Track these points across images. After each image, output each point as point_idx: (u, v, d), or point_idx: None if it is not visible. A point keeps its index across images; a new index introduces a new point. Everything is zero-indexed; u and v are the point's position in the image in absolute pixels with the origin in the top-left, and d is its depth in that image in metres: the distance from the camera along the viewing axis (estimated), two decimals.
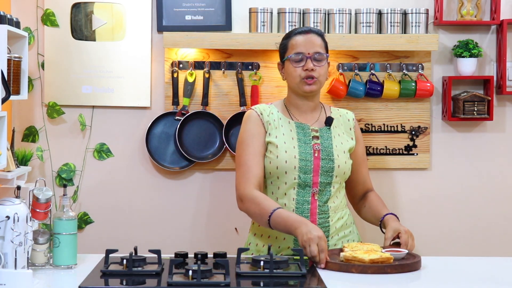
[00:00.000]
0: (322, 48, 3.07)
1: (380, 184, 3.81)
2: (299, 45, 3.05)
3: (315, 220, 3.01)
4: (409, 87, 3.70)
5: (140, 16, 3.71)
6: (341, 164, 3.06)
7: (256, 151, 3.03)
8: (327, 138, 3.08)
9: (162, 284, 2.44)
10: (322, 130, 3.10)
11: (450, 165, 3.83)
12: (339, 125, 3.15)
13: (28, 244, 2.50)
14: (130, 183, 3.77)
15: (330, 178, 3.04)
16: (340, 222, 3.08)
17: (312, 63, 3.03)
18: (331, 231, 3.04)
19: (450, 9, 3.78)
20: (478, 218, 3.84)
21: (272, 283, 2.46)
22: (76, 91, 3.72)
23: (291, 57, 3.05)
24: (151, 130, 3.72)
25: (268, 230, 3.02)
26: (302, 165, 3.01)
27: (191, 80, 3.70)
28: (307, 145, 3.05)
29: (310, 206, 3.02)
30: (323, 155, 3.04)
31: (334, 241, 3.05)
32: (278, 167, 3.02)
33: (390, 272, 2.60)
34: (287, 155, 3.02)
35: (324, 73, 3.07)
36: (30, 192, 2.72)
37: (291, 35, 3.10)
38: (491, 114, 3.73)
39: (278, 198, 3.04)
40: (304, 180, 3.02)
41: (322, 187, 3.04)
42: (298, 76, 3.04)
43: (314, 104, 3.13)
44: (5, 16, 3.01)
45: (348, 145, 3.12)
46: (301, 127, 3.08)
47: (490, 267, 2.82)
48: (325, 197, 3.04)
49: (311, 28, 3.11)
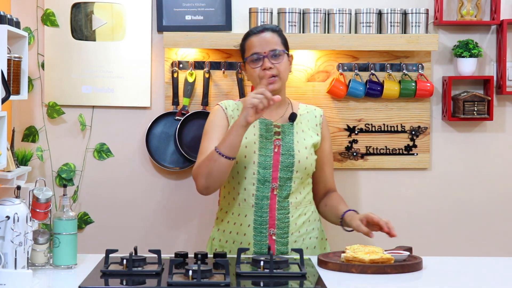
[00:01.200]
0: (278, 45, 3.06)
1: (380, 184, 3.81)
2: (255, 46, 3.06)
3: (274, 215, 3.03)
4: (409, 87, 3.70)
5: (140, 16, 3.71)
6: (302, 159, 3.05)
7: (215, 138, 3.02)
8: (289, 134, 3.08)
9: (162, 284, 2.44)
10: (284, 126, 3.10)
11: (450, 165, 3.83)
12: (305, 121, 3.15)
13: (28, 244, 2.50)
14: (130, 183, 3.77)
15: (290, 173, 3.04)
16: (302, 218, 3.08)
17: (270, 62, 3.03)
18: (291, 227, 3.05)
19: (450, 9, 3.78)
20: (478, 218, 3.84)
21: (272, 283, 2.46)
22: (76, 91, 3.72)
23: (248, 59, 3.07)
24: (151, 130, 3.72)
25: (231, 225, 3.05)
26: (261, 160, 3.03)
27: (191, 80, 3.70)
28: (268, 140, 3.06)
29: (270, 202, 3.03)
30: (283, 150, 3.05)
31: (294, 238, 3.05)
32: (237, 161, 3.03)
33: (390, 272, 2.60)
34: (247, 150, 3.03)
35: (284, 69, 3.06)
36: (30, 192, 2.72)
37: (247, 36, 3.11)
38: (491, 114, 3.73)
39: (239, 193, 3.05)
40: (263, 175, 3.03)
41: (282, 182, 3.04)
42: (257, 77, 3.05)
43: (279, 102, 3.12)
44: (5, 16, 3.01)
45: (312, 140, 3.12)
46: (264, 123, 3.09)
47: (490, 267, 2.82)
48: (285, 193, 3.04)
49: (265, 26, 3.11)
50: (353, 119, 3.77)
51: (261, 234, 3.02)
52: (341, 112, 3.76)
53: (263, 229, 3.03)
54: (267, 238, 3.03)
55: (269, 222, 3.03)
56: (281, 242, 3.03)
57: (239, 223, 3.06)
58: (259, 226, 3.03)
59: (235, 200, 3.07)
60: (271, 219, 3.03)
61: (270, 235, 3.03)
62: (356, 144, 3.78)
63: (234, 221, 3.07)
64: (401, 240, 3.76)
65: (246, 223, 3.04)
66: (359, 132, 3.77)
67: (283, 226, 3.03)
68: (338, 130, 3.77)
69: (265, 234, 3.03)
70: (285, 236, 3.04)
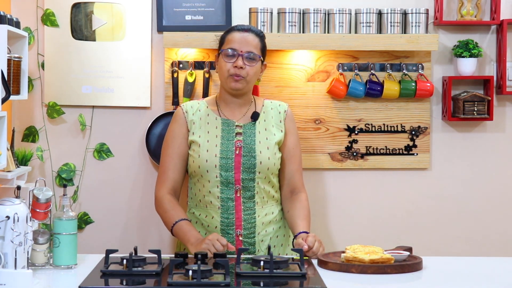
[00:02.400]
0: (257, 49, 3.08)
1: (380, 184, 3.81)
2: (234, 41, 3.07)
3: (240, 217, 3.04)
4: (409, 87, 3.70)
5: (140, 16, 3.70)
6: (264, 160, 3.05)
7: (174, 153, 3.10)
8: (250, 134, 3.08)
9: (162, 284, 2.44)
10: (246, 126, 3.10)
11: (450, 165, 3.83)
12: (269, 118, 3.14)
13: (28, 244, 2.50)
14: (130, 183, 3.77)
15: (252, 174, 3.05)
16: (269, 217, 3.09)
17: (243, 61, 3.04)
18: (257, 228, 3.06)
19: (450, 9, 3.78)
20: (478, 218, 3.84)
21: (272, 283, 2.46)
22: (76, 91, 3.72)
23: (223, 52, 3.07)
24: (151, 130, 3.72)
25: (200, 226, 3.08)
26: (222, 163, 3.03)
27: (191, 80, 3.70)
28: (229, 142, 3.06)
29: (235, 203, 3.05)
30: (244, 151, 3.05)
31: (261, 237, 3.06)
32: (200, 166, 3.04)
33: (390, 272, 2.60)
34: (208, 154, 3.04)
35: (253, 74, 3.07)
36: (30, 192, 2.72)
37: (230, 30, 3.13)
38: (491, 114, 3.73)
39: (204, 195, 3.07)
40: (226, 178, 3.03)
41: (245, 183, 3.05)
42: (226, 71, 3.06)
43: (242, 101, 3.13)
44: (5, 16, 3.01)
45: (275, 138, 3.11)
46: (227, 123, 3.09)
47: (490, 267, 2.82)
48: (249, 193, 3.05)
49: (251, 27, 3.12)
50: (353, 119, 3.77)
51: (228, 235, 3.04)
52: (341, 112, 3.76)
53: (230, 230, 3.05)
54: (235, 238, 3.04)
55: (235, 223, 3.05)
56: (248, 242, 3.05)
57: (206, 224, 3.08)
58: (226, 228, 3.05)
59: (201, 202, 3.10)
60: (237, 220, 3.05)
61: (237, 235, 3.04)
62: (356, 144, 3.78)
63: (202, 222, 3.09)
64: (401, 240, 3.78)
65: (213, 224, 3.06)
66: (359, 132, 3.77)
67: (250, 227, 3.05)
68: (338, 130, 3.77)
69: (232, 235, 3.05)
70: (251, 236, 3.05)
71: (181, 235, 2.98)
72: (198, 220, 3.10)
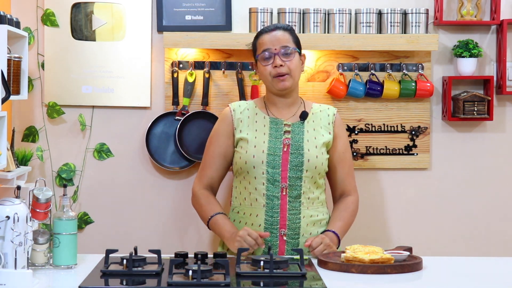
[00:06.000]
0: (290, 43, 3.07)
1: (380, 184, 3.81)
2: (266, 43, 3.06)
3: (285, 216, 3.02)
4: (409, 87, 3.70)
5: (140, 16, 3.71)
6: (312, 159, 3.04)
7: (216, 152, 3.12)
8: (299, 133, 3.07)
9: (162, 284, 2.44)
10: (294, 124, 3.09)
11: (450, 165, 3.83)
12: (317, 120, 3.13)
13: (28, 244, 2.50)
14: (130, 183, 3.77)
15: (299, 172, 3.03)
16: (314, 219, 3.07)
17: (281, 59, 3.03)
18: (302, 229, 3.04)
19: (450, 9, 3.78)
20: (478, 218, 3.84)
21: (272, 283, 2.46)
22: (76, 91, 3.72)
23: (259, 56, 3.07)
24: (151, 130, 3.72)
25: (243, 226, 3.05)
26: (270, 160, 3.02)
27: (191, 80, 3.70)
28: (277, 139, 3.05)
29: (280, 202, 3.03)
30: (292, 149, 3.04)
31: (305, 239, 3.02)
32: (246, 161, 3.04)
33: (390, 272, 2.60)
34: (256, 150, 3.03)
35: (295, 68, 3.06)
36: (30, 192, 2.72)
37: (259, 34, 3.12)
38: (491, 114, 3.73)
39: (250, 193, 3.06)
40: (272, 175, 3.02)
41: (292, 182, 3.03)
42: (269, 75, 3.05)
43: (291, 100, 3.12)
44: (5, 16, 3.01)
45: (323, 139, 3.10)
46: (275, 122, 3.09)
47: (490, 267, 2.82)
48: (295, 193, 3.03)
49: (277, 25, 3.12)
50: (353, 119, 3.77)
51: (272, 234, 3.02)
52: (341, 112, 3.76)
53: (274, 230, 3.02)
54: (278, 238, 3.02)
55: (280, 223, 3.02)
56: (291, 243, 3.02)
57: (250, 223, 3.05)
58: (270, 226, 3.02)
59: (246, 200, 3.07)
60: (282, 220, 3.02)
61: (281, 235, 3.02)
62: (356, 144, 3.78)
63: (246, 221, 3.06)
64: (401, 240, 3.78)
65: (257, 223, 3.04)
66: (359, 132, 3.77)
67: (294, 227, 3.02)
68: None
69: (276, 234, 3.02)
70: (296, 237, 3.03)
71: (217, 229, 3.04)
72: (242, 219, 3.08)
